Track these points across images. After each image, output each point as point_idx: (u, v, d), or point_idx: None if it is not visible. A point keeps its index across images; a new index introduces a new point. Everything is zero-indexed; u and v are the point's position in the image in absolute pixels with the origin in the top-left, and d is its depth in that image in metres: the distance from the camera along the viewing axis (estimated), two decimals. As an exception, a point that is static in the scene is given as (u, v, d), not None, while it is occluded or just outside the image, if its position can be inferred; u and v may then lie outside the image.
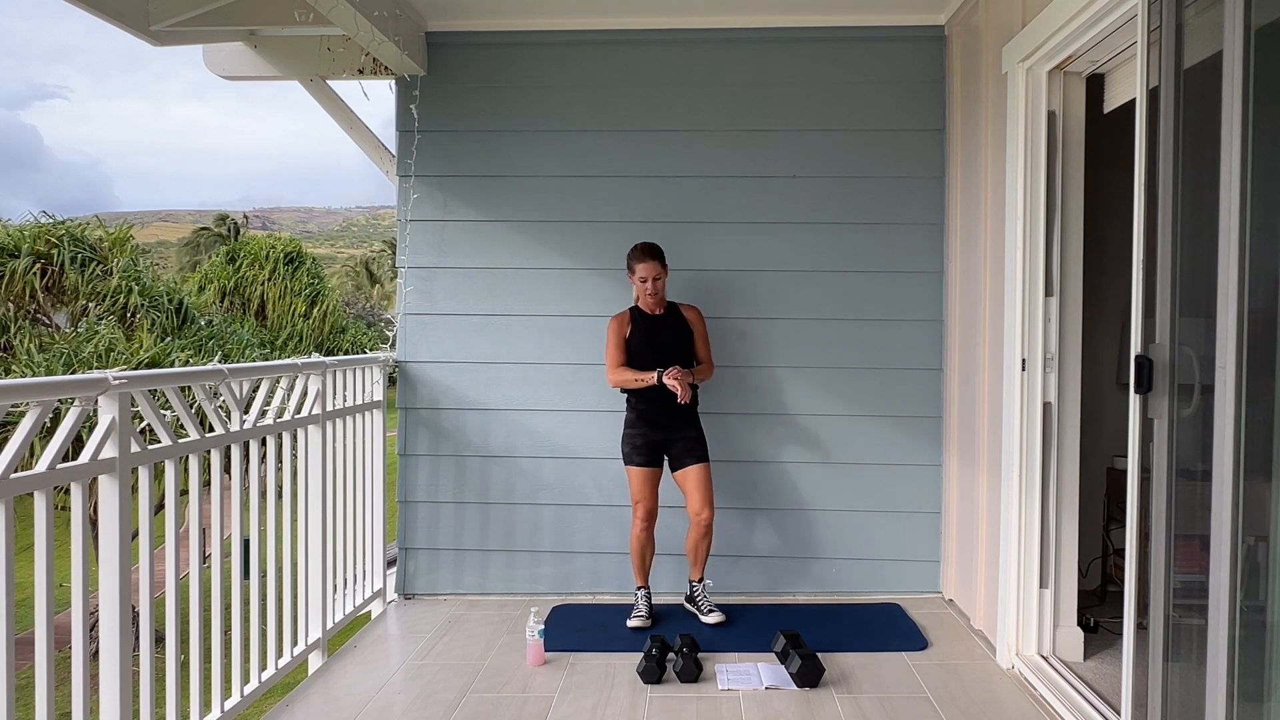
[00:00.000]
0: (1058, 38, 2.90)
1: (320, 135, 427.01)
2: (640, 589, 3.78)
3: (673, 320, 3.77)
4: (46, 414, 2.05)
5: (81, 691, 2.11)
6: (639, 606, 3.75)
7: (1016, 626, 3.25)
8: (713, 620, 3.69)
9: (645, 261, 3.66)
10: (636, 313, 3.77)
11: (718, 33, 4.14)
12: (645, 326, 3.73)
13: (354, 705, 3.02)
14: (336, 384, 3.64)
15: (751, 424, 4.17)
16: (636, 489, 3.70)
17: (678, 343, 3.74)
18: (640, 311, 3.76)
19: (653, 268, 3.66)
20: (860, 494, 4.16)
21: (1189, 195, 2.08)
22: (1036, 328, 3.20)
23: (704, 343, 3.83)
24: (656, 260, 3.68)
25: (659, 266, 3.68)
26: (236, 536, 2.92)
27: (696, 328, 3.81)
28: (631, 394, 3.74)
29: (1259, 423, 1.84)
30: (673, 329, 3.75)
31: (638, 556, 3.74)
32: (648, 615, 3.73)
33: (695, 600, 3.81)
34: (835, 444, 4.16)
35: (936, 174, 4.11)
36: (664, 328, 3.74)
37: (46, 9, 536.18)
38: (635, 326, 3.73)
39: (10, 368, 12.55)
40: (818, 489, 4.17)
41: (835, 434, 4.16)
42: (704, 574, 3.81)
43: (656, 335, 3.72)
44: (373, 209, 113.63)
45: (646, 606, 3.75)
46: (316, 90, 4.24)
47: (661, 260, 3.70)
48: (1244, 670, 1.86)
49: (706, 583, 3.82)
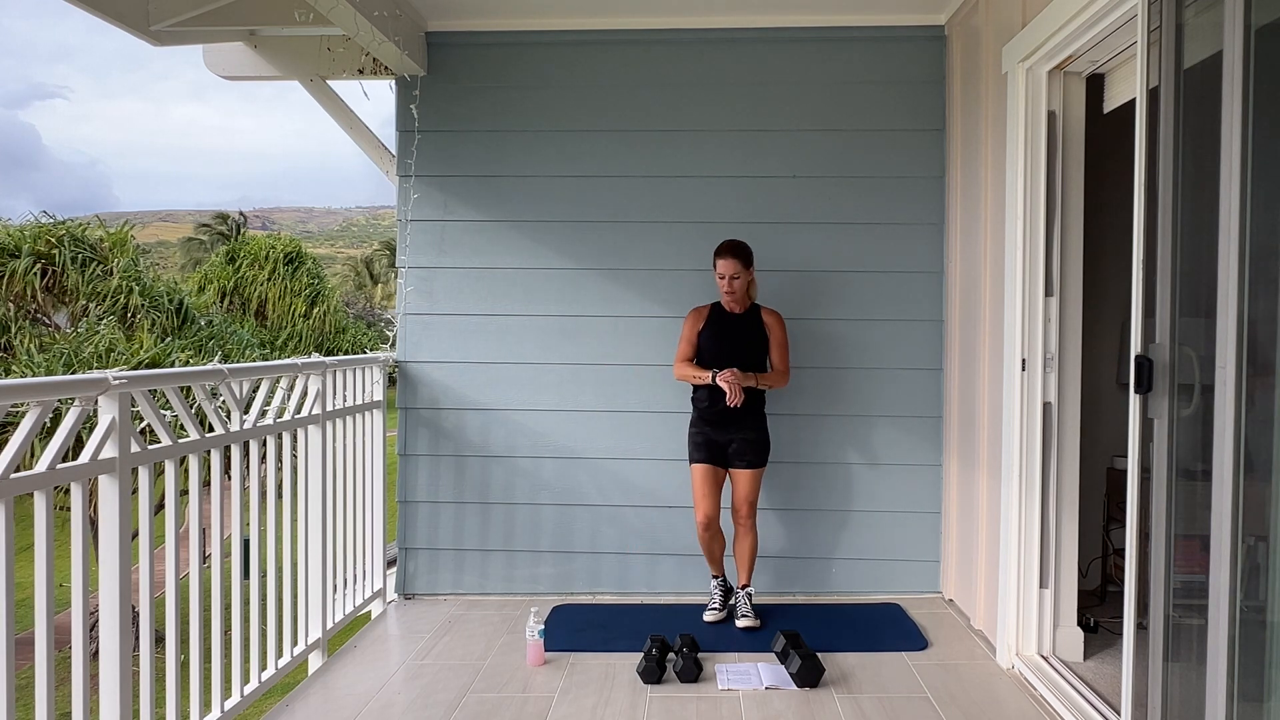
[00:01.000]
0: (1058, 38, 2.90)
1: (320, 135, 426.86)
2: (714, 577, 3.85)
3: (749, 322, 3.74)
4: (46, 414, 2.05)
5: (81, 691, 2.10)
6: (713, 597, 3.82)
7: (1016, 626, 3.25)
8: (742, 624, 3.68)
9: (724, 259, 3.64)
10: (716, 309, 3.76)
11: (718, 33, 4.14)
12: (719, 324, 3.73)
13: (354, 705, 3.02)
14: (336, 384, 3.64)
15: (751, 424, 4.16)
16: (697, 489, 3.69)
17: (750, 345, 3.71)
18: (720, 308, 3.76)
19: (731, 265, 3.63)
20: (860, 494, 4.16)
21: (1189, 195, 2.08)
22: (1036, 328, 3.20)
23: (780, 349, 3.76)
24: (737, 259, 3.64)
25: (739, 265, 3.64)
26: (236, 536, 2.92)
27: (774, 333, 3.75)
28: (694, 391, 3.76)
29: (1259, 423, 1.84)
30: (747, 330, 3.72)
31: (705, 550, 3.79)
32: (721, 608, 3.79)
33: (734, 604, 3.82)
34: (835, 444, 4.16)
35: (936, 174, 4.11)
36: (739, 328, 3.72)
37: (47, 9, 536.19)
38: (710, 322, 3.73)
39: (10, 368, 12.55)
40: (818, 489, 4.17)
41: (835, 434, 4.16)
42: (749, 579, 3.78)
43: (728, 334, 3.70)
44: (373, 209, 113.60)
45: (721, 597, 3.81)
46: (316, 90, 4.24)
47: (743, 259, 3.66)
48: (1244, 670, 1.86)
49: (749, 589, 3.78)
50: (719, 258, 3.66)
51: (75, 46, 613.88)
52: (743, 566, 3.78)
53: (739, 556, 3.79)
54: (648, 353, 4.16)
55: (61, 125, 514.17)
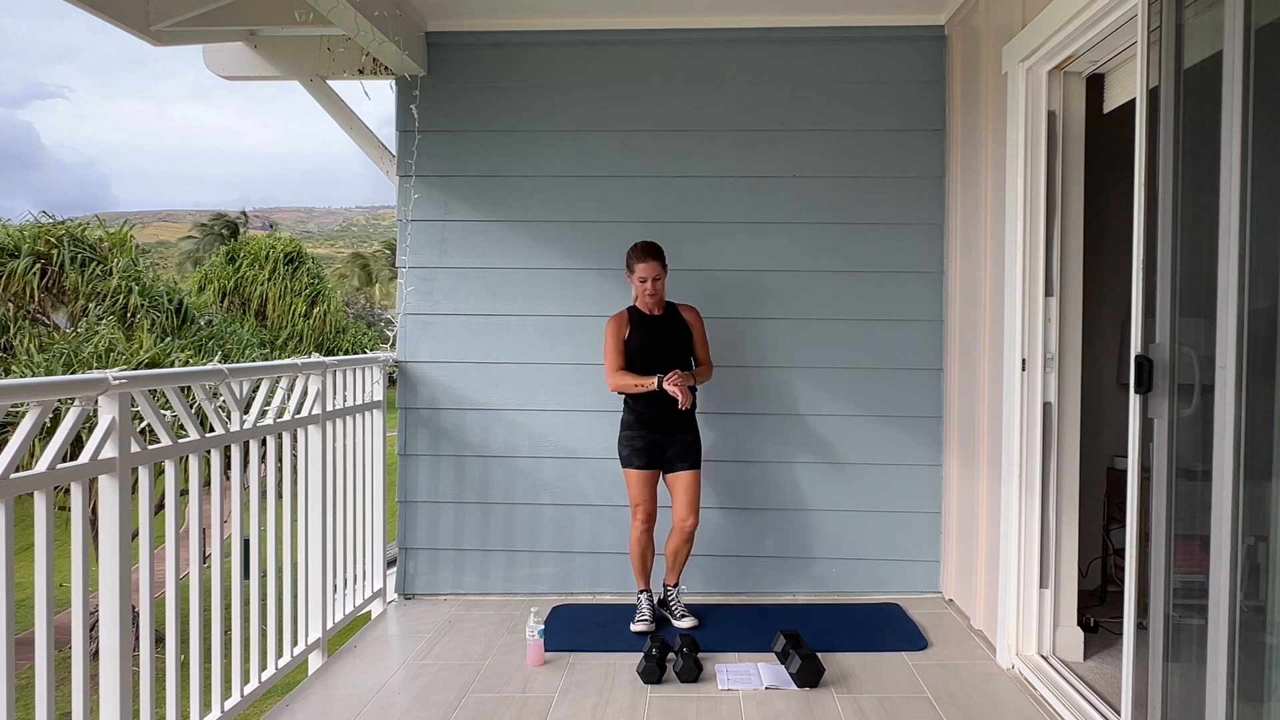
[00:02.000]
0: (1058, 38, 2.90)
1: (320, 135, 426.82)
2: (642, 592, 3.75)
3: (672, 321, 3.73)
4: (46, 414, 2.05)
5: (81, 691, 2.10)
6: (642, 610, 3.72)
7: (1016, 626, 3.25)
8: (686, 625, 3.66)
9: (645, 261, 3.62)
10: (635, 313, 3.72)
11: (718, 33, 4.14)
12: (644, 327, 3.69)
13: (354, 705, 3.02)
14: (336, 384, 3.64)
15: (751, 424, 4.17)
16: (636, 491, 3.67)
17: (677, 344, 3.71)
18: (639, 312, 3.72)
19: (653, 268, 3.62)
20: (860, 494, 4.16)
21: (1189, 195, 2.08)
22: (1036, 328, 3.20)
23: (703, 343, 3.80)
24: (656, 260, 3.63)
25: (659, 266, 3.63)
26: (236, 536, 2.92)
27: (695, 328, 3.77)
28: (630, 397, 3.71)
29: (1259, 423, 1.84)
30: (672, 330, 3.72)
31: (638, 559, 3.71)
32: (652, 619, 3.70)
33: (669, 605, 3.78)
34: (835, 444, 4.16)
35: (936, 174, 4.11)
36: (663, 329, 3.71)
37: (49, 9, 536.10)
38: (634, 327, 3.69)
39: (10, 368, 12.55)
40: (818, 489, 4.17)
41: (835, 434, 4.16)
42: (679, 579, 3.78)
43: (655, 336, 3.68)
44: (373, 209, 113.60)
45: (650, 610, 3.72)
46: (316, 90, 4.24)
47: (662, 260, 3.65)
48: (1244, 670, 1.86)
49: (681, 588, 3.80)
50: (639, 261, 3.62)
51: (77, 46, 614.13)
52: (677, 566, 3.75)
53: (675, 557, 3.73)
54: (648, 353, 4.15)
55: (61, 125, 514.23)
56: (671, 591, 3.77)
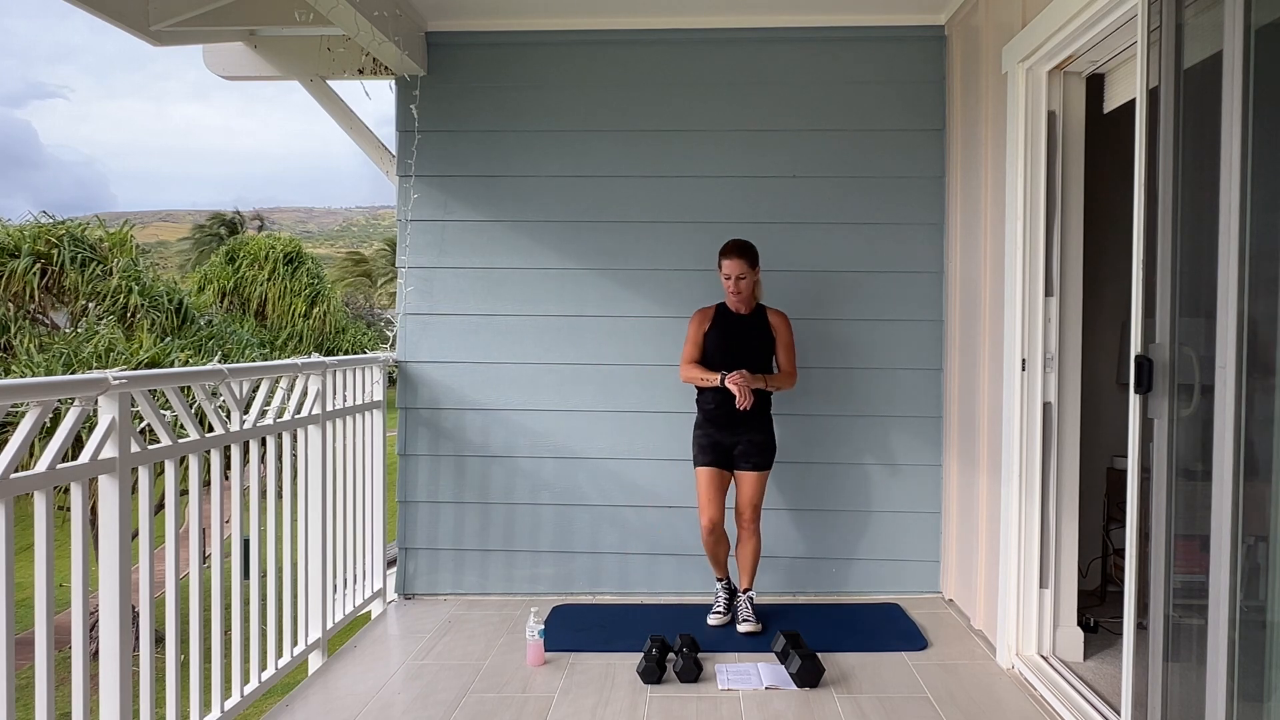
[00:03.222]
0: (1058, 38, 2.90)
1: (320, 135, 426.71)
2: (719, 580, 3.82)
3: (756, 323, 3.71)
4: (46, 414, 2.05)
5: (81, 691, 2.10)
6: (718, 600, 3.79)
7: (1016, 626, 3.25)
8: (744, 629, 3.63)
9: (730, 259, 3.60)
10: (722, 310, 3.72)
11: (718, 33, 4.14)
12: (725, 325, 3.69)
13: (354, 705, 3.02)
14: (336, 384, 3.64)
15: (751, 424, 4.16)
16: (702, 492, 3.65)
17: (756, 346, 3.68)
18: (726, 309, 3.72)
19: (737, 265, 3.59)
20: (860, 494, 4.16)
21: (1189, 195, 2.08)
22: (1036, 328, 3.20)
23: (787, 350, 3.74)
24: (743, 259, 3.60)
25: (745, 265, 3.60)
26: (236, 536, 2.92)
27: (780, 334, 3.72)
28: (699, 394, 3.71)
29: (1259, 423, 1.84)
30: (753, 332, 3.68)
31: (710, 554, 3.74)
32: (725, 611, 3.74)
33: (736, 607, 3.77)
34: (835, 444, 4.16)
35: (936, 174, 4.11)
36: (745, 329, 3.68)
37: (50, 9, 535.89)
38: (715, 323, 3.69)
39: (10, 368, 12.55)
40: (818, 489, 4.17)
41: (835, 434, 4.16)
42: (752, 584, 3.75)
43: (734, 335, 3.66)
44: (373, 209, 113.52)
45: (725, 601, 3.78)
46: (316, 90, 4.24)
47: (750, 259, 3.62)
48: (1244, 670, 1.86)
49: (751, 594, 3.74)
50: (724, 258, 3.63)
51: (77, 46, 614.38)
52: (745, 570, 3.74)
53: (741, 560, 3.75)
54: (648, 353, 4.16)
55: (61, 125, 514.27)
56: (741, 597, 3.75)
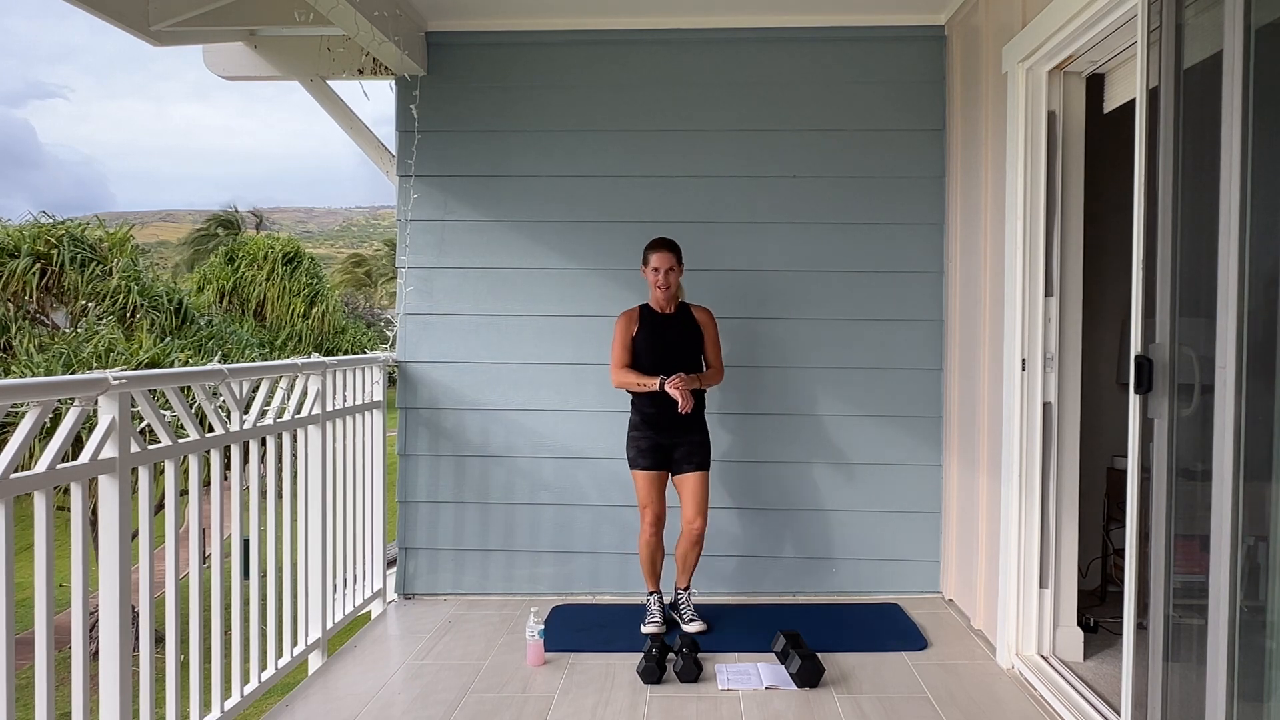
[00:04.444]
0: (1058, 38, 2.90)
1: (320, 135, 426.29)
2: (652, 594, 3.73)
3: (683, 321, 3.71)
4: (46, 414, 2.05)
5: (81, 691, 2.11)
6: (652, 612, 3.70)
7: (1016, 626, 3.25)
8: (694, 629, 3.62)
9: (659, 251, 3.62)
10: (646, 311, 3.71)
11: (718, 33, 4.14)
12: (653, 325, 3.68)
13: (354, 705, 3.02)
14: (336, 384, 3.64)
15: (751, 424, 4.17)
16: (643, 493, 3.64)
17: (686, 345, 3.68)
18: (650, 310, 3.71)
19: (666, 258, 3.61)
20: (860, 494, 4.16)
21: (1189, 195, 2.08)
22: (1036, 328, 3.20)
23: (714, 346, 3.74)
24: (670, 252, 3.62)
25: (673, 258, 3.62)
26: (236, 536, 2.92)
27: (707, 330, 3.72)
28: (635, 396, 3.69)
29: (1259, 423, 1.84)
30: (681, 330, 3.69)
31: (648, 562, 3.69)
32: (662, 620, 3.67)
33: (679, 607, 3.75)
34: (835, 444, 4.16)
35: (936, 174, 4.11)
36: (673, 328, 3.68)
37: (50, 10, 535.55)
38: (643, 325, 3.67)
39: (10, 368, 12.55)
40: (818, 489, 4.17)
41: (835, 434, 4.16)
42: (690, 582, 3.75)
43: (664, 335, 3.66)
44: (373, 209, 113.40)
45: (660, 612, 3.70)
46: (316, 90, 4.24)
47: (677, 254, 3.64)
48: (1244, 670, 1.86)
49: (692, 591, 3.76)
50: (652, 251, 3.63)
51: (78, 46, 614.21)
52: (687, 569, 3.71)
53: (684, 560, 3.70)
54: (648, 353, 4.15)
55: (62, 125, 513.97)
56: (682, 595, 3.74)
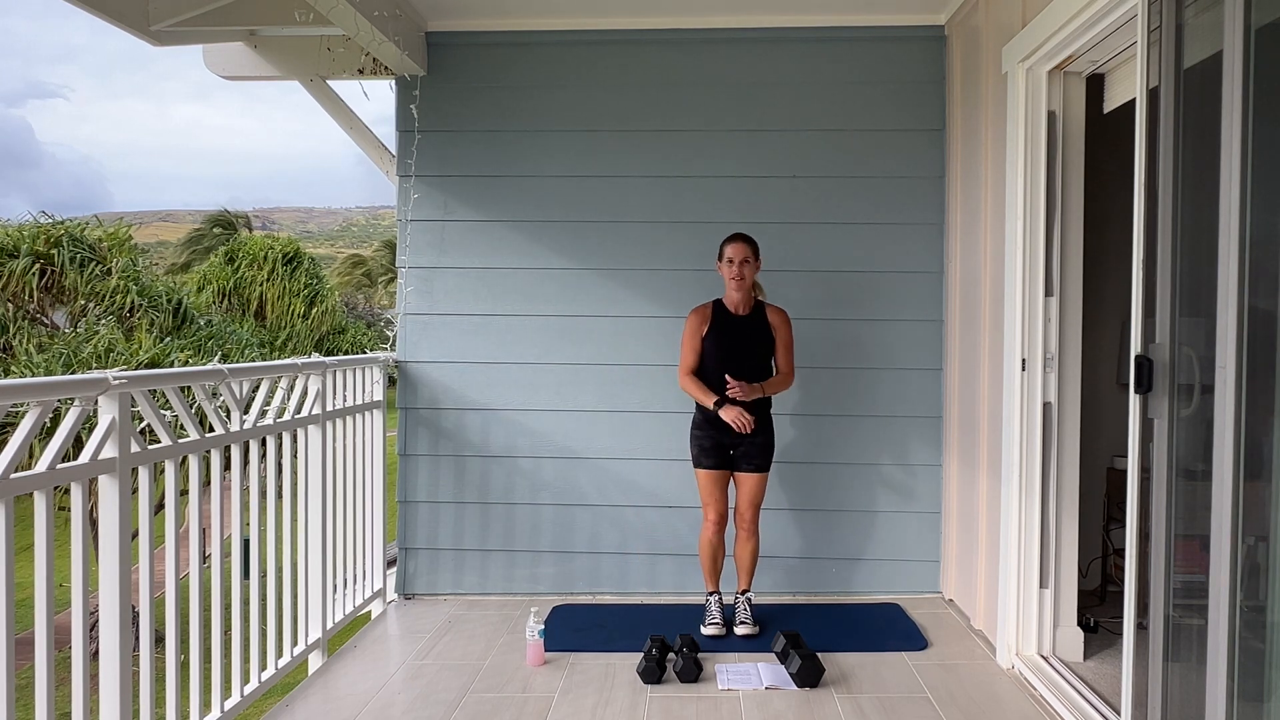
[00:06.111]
0: (1058, 38, 2.90)
1: (320, 135, 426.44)
2: (712, 594, 3.68)
3: (755, 323, 3.62)
4: (46, 414, 2.05)
5: (81, 691, 2.10)
6: (711, 613, 3.65)
7: (1016, 626, 3.25)
8: (742, 631, 3.58)
9: (734, 243, 3.56)
10: (719, 310, 3.64)
11: (718, 33, 4.14)
12: (724, 327, 3.60)
13: (354, 705, 3.02)
14: (336, 384, 3.64)
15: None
16: (705, 491, 3.62)
17: (755, 348, 3.60)
18: (724, 309, 3.64)
19: (741, 249, 3.54)
20: (860, 494, 4.16)
21: (1189, 195, 2.08)
22: (1036, 328, 3.20)
23: (786, 350, 3.65)
24: (747, 244, 3.56)
25: (748, 250, 3.55)
26: (236, 536, 2.92)
27: (780, 333, 3.63)
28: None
29: (1259, 423, 1.84)
30: (752, 333, 3.60)
31: (708, 560, 3.66)
32: (722, 621, 3.61)
33: (734, 609, 3.70)
34: (835, 444, 4.16)
35: (936, 174, 4.11)
36: (743, 331, 3.60)
37: (51, 10, 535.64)
38: (714, 325, 3.60)
39: (10, 368, 12.55)
40: (818, 489, 4.17)
41: (835, 434, 4.16)
42: (750, 585, 3.71)
43: (734, 338, 3.58)
44: (373, 209, 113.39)
45: (720, 612, 3.65)
46: (316, 90, 4.24)
47: (753, 247, 3.58)
48: (1244, 670, 1.86)
49: (749, 595, 3.71)
50: (728, 243, 3.58)
51: (79, 47, 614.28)
52: (745, 571, 3.71)
53: (740, 561, 3.71)
54: (648, 353, 4.16)
55: (61, 125, 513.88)
56: (740, 598, 3.70)
